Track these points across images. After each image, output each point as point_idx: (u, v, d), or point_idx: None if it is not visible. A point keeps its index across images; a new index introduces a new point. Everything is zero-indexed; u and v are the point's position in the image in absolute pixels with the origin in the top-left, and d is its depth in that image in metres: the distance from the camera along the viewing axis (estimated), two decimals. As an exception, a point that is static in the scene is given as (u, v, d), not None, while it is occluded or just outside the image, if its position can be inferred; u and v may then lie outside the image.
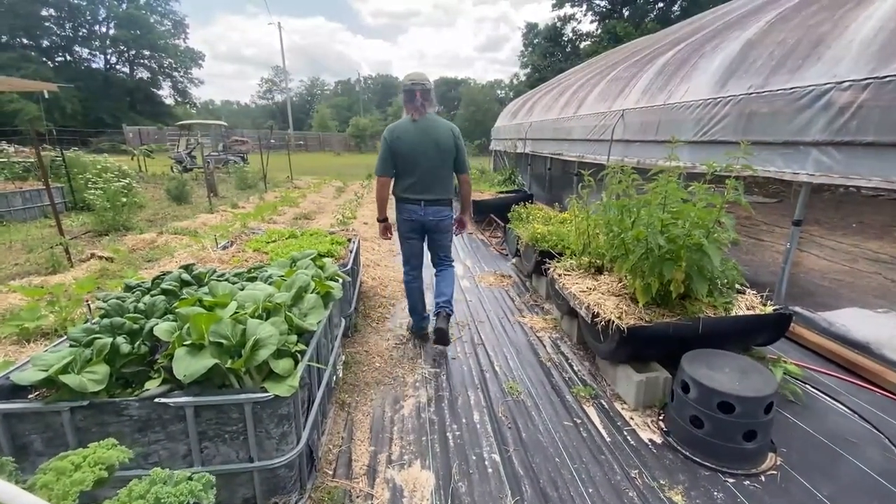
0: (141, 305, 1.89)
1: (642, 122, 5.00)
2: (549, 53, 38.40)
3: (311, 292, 2.06)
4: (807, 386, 2.54)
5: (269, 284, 2.15)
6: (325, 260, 2.66)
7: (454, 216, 3.17)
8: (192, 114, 46.97)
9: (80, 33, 38.83)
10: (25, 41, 35.48)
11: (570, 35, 38.81)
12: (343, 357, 2.80)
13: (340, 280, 2.52)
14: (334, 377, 2.50)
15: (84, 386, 1.46)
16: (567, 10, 36.89)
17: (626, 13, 35.32)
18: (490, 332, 3.38)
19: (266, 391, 1.53)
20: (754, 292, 2.73)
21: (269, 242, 3.58)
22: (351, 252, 3.41)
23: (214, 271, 2.42)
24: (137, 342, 1.68)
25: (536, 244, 3.99)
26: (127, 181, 8.35)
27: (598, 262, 3.14)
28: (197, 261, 3.20)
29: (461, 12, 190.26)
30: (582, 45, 37.38)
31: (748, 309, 2.49)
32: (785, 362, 2.50)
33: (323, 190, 11.45)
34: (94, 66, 40.05)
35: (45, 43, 37.30)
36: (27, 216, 7.22)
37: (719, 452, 1.96)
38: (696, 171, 3.80)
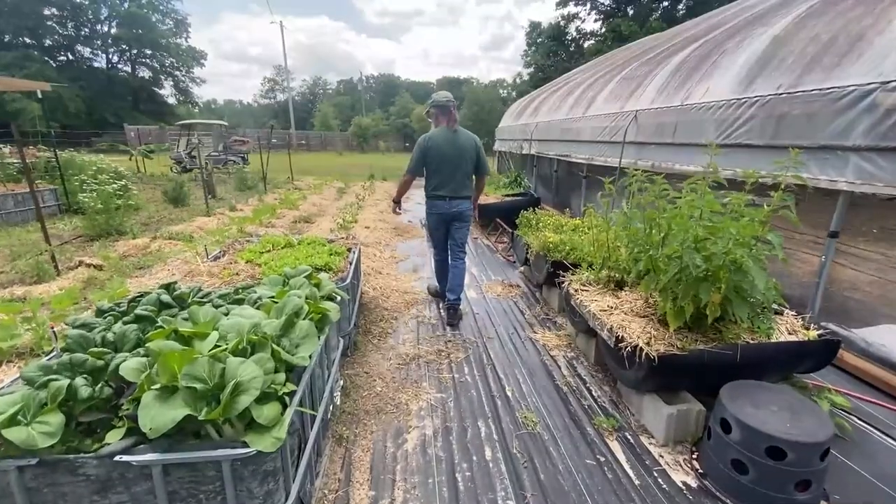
0: (110, 335, 1.67)
1: (658, 124, 4.76)
2: (553, 52, 38.08)
3: (305, 318, 1.83)
4: (853, 418, 2.30)
5: (258, 308, 1.92)
6: (322, 276, 2.43)
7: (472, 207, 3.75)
8: (195, 113, 46.89)
9: (83, 32, 38.75)
10: (28, 41, 35.42)
11: (574, 34, 38.50)
12: (341, 382, 2.57)
13: (338, 298, 2.29)
14: (331, 407, 2.28)
15: (33, 441, 1.24)
16: (571, 8, 36.59)
17: (630, 12, 35.01)
18: (500, 350, 3.15)
19: (247, 445, 1.30)
20: (793, 313, 2.49)
21: (263, 252, 3.36)
22: (351, 263, 3.18)
23: (199, 290, 2.20)
24: (100, 383, 1.45)
25: (548, 254, 3.76)
26: (122, 183, 8.16)
27: (617, 275, 2.90)
28: (185, 274, 2.98)
29: (465, 11, 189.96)
30: (586, 45, 37.06)
31: (789, 333, 2.24)
32: (829, 391, 2.26)
33: (324, 191, 11.22)
34: (96, 65, 40.00)
35: (48, 42, 37.24)
36: (20, 219, 7.02)
37: (767, 503, 1.73)
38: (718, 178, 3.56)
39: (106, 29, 39.41)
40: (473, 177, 3.73)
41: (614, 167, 5.69)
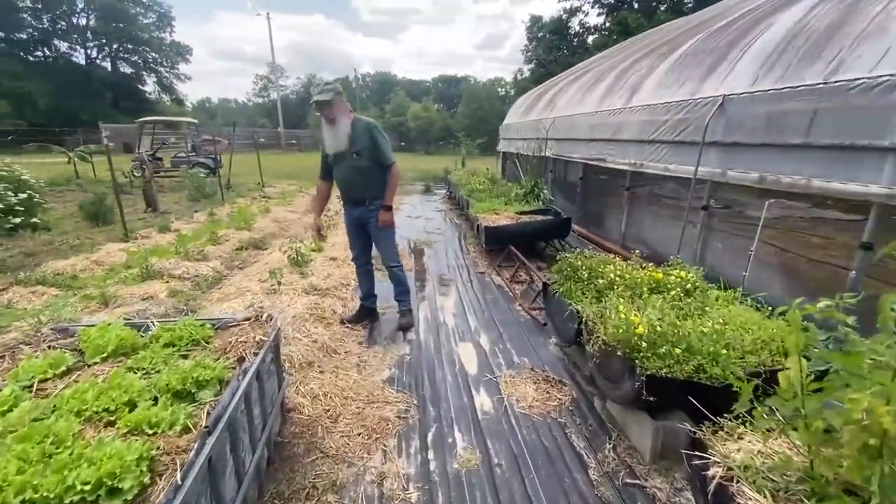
0: None
1: (770, 114, 3.00)
2: (556, 47, 36.26)
3: None
4: None
5: None
6: None
7: None
8: (186, 111, 44.70)
9: (59, 26, 36.65)
10: (0, 34, 33.31)
11: (577, 28, 36.73)
12: None
13: None
14: None
15: None
16: (573, 1, 34.88)
17: (635, 4, 33.39)
18: None
19: None
20: None
21: (45, 378, 1.56)
22: (241, 388, 1.39)
23: None
24: None
25: (635, 356, 1.95)
26: (22, 196, 6.31)
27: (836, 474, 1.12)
28: None
29: (461, 10, 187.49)
30: (590, 39, 35.33)
31: None
32: None
33: (295, 200, 9.39)
34: (74, 60, 37.91)
35: (22, 36, 35.13)
36: None
37: None
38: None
39: (84, 22, 37.32)
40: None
41: (684, 178, 3.95)
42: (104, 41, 38.17)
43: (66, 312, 2.96)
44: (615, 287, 2.50)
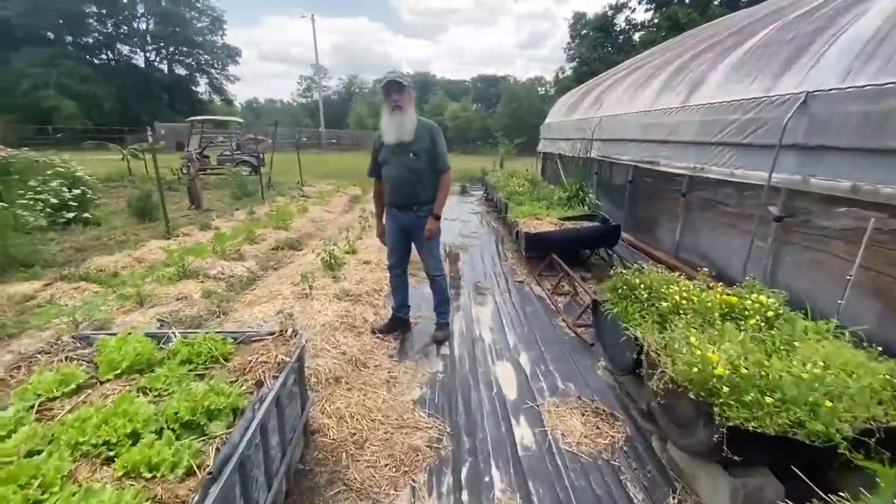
0: None
1: (868, 113, 2.58)
2: (600, 45, 35.07)
3: None
4: None
5: None
6: None
7: None
8: (235, 111, 46.69)
9: (122, 30, 39.07)
10: (70, 38, 35.89)
11: (623, 25, 35.36)
12: None
13: None
14: None
15: None
16: (619, -4, 33.73)
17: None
18: None
19: None
20: None
21: (54, 397, 1.45)
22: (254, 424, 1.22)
23: None
24: None
25: (711, 402, 1.63)
26: (77, 192, 6.59)
27: None
28: None
29: (503, 10, 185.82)
30: (636, 36, 33.90)
31: None
32: None
33: (333, 200, 9.40)
34: (135, 63, 40.32)
35: (88, 40, 37.73)
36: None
37: None
38: None
39: (143, 26, 39.61)
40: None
41: (754, 184, 3.53)
42: (162, 44, 40.37)
43: (100, 313, 2.94)
44: (681, 311, 2.17)
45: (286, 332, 2.00)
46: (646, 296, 2.43)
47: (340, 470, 1.94)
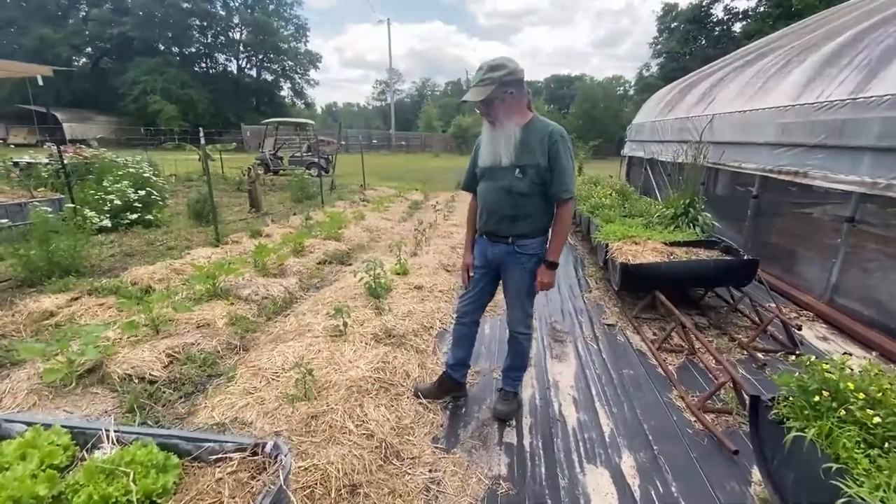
0: None
1: None
2: (692, 38, 31.82)
3: None
4: None
5: None
6: None
7: None
8: (315, 115, 49.05)
9: (220, 40, 42.50)
10: (175, 49, 39.73)
11: (721, 15, 31.76)
12: None
13: None
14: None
15: None
16: (721, -17, 30.48)
17: (803, -18, 27.81)
18: None
19: None
20: None
21: None
22: None
23: None
24: None
25: None
26: (142, 193, 6.57)
27: None
28: None
29: (579, 8, 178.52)
30: (737, 27, 30.25)
31: None
32: None
33: (392, 206, 8.83)
34: (229, 69, 43.71)
35: (191, 50, 41.50)
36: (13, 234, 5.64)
37: None
38: None
39: (238, 36, 42.77)
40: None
41: None
42: (251, 52, 43.35)
43: (92, 353, 2.44)
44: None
45: (262, 450, 1.25)
46: (874, 417, 1.39)
47: None
